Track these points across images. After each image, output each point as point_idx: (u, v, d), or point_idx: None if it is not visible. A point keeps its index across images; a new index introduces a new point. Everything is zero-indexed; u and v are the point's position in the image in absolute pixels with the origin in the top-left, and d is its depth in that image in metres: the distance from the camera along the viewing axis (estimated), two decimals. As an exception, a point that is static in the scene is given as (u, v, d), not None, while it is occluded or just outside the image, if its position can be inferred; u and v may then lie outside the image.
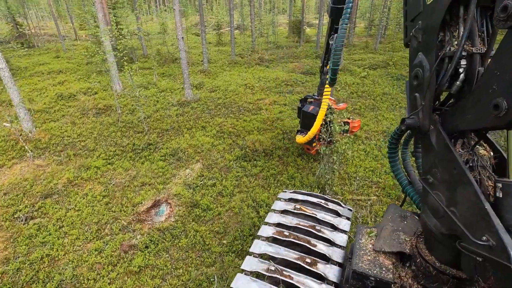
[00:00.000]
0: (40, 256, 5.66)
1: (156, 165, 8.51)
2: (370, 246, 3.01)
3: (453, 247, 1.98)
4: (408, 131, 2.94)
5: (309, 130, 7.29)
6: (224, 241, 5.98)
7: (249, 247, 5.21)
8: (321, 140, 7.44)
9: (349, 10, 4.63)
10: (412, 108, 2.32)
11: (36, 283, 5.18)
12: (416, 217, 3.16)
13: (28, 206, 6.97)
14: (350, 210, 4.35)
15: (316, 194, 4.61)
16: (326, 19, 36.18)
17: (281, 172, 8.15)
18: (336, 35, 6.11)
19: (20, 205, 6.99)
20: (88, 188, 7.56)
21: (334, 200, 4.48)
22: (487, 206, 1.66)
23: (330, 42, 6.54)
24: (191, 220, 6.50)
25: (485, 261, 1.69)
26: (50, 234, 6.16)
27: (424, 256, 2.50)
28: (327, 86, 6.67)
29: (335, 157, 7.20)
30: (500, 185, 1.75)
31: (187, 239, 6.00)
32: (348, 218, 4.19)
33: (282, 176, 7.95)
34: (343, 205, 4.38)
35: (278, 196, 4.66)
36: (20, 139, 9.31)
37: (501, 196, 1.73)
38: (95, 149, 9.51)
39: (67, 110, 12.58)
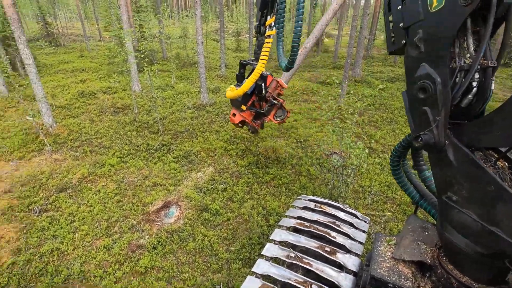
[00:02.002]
0: (50, 249, 5.72)
1: (169, 166, 8.54)
2: (389, 254, 3.01)
3: (492, 265, 1.93)
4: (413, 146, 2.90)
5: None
6: (232, 248, 5.87)
7: (258, 255, 5.14)
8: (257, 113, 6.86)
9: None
10: (421, 123, 2.21)
11: (44, 276, 5.22)
12: None
13: (43, 198, 7.11)
14: (366, 222, 4.28)
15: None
16: (345, 31, 35.99)
17: (293, 181, 8.01)
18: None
19: (35, 197, 7.15)
20: (101, 185, 7.66)
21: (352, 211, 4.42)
22: None
23: None
24: (199, 224, 6.44)
25: None
26: (61, 228, 6.24)
27: (446, 268, 2.47)
28: (265, 47, 5.35)
29: (349, 170, 7.03)
30: None
31: (194, 243, 5.93)
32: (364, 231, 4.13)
33: (294, 185, 7.81)
34: (360, 216, 4.32)
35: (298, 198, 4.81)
36: (41, 133, 9.59)
37: None
38: (111, 147, 9.67)
39: (86, 108, 12.92)
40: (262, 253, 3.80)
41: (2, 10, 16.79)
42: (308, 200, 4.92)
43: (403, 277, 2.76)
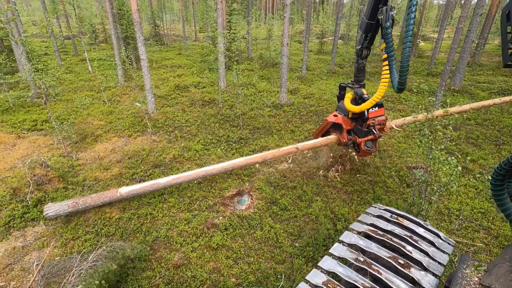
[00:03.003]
0: (145, 213, 6.86)
1: (244, 158, 9.15)
2: (476, 279, 2.79)
3: None
4: None
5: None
6: (296, 244, 6.01)
7: (321, 256, 5.16)
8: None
9: (412, 16, 4.40)
10: None
11: (139, 234, 6.32)
12: None
13: (143, 171, 8.52)
14: (450, 244, 3.91)
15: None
16: (447, 34, 31.71)
17: (366, 190, 7.65)
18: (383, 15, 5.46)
19: (137, 169, 8.62)
20: (187, 166, 8.73)
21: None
22: None
23: (380, 17, 5.56)
24: (268, 216, 6.77)
25: None
26: (154, 197, 7.39)
27: None
28: (384, 71, 5.62)
29: (435, 187, 6.34)
30: None
31: (261, 232, 6.29)
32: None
33: (368, 195, 7.45)
34: (443, 237, 3.96)
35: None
36: (145, 117, 11.44)
37: None
38: (197, 134, 10.88)
39: (180, 99, 14.76)
40: (329, 251, 3.86)
41: (127, 14, 20.45)
42: (384, 209, 4.71)
43: None
